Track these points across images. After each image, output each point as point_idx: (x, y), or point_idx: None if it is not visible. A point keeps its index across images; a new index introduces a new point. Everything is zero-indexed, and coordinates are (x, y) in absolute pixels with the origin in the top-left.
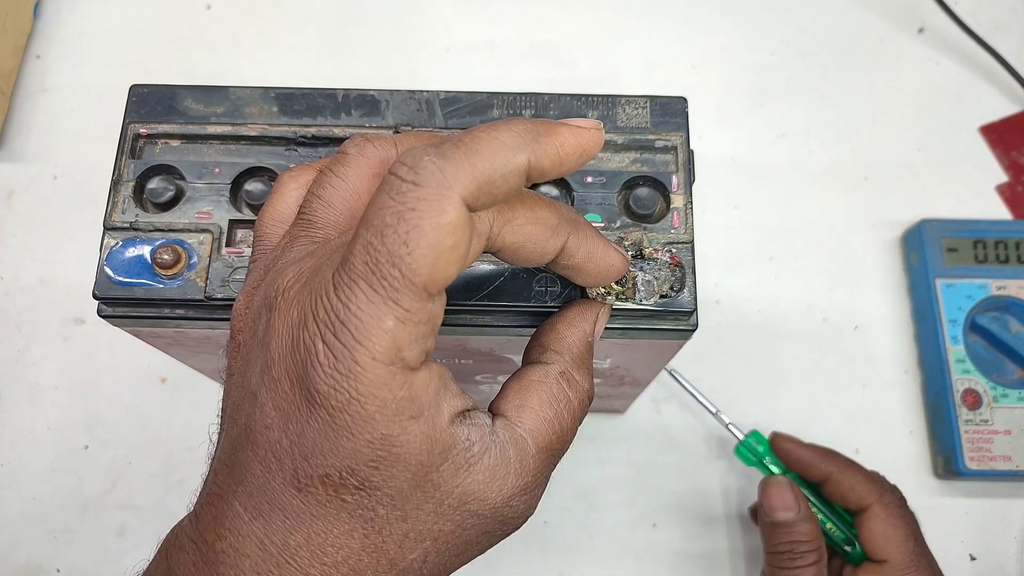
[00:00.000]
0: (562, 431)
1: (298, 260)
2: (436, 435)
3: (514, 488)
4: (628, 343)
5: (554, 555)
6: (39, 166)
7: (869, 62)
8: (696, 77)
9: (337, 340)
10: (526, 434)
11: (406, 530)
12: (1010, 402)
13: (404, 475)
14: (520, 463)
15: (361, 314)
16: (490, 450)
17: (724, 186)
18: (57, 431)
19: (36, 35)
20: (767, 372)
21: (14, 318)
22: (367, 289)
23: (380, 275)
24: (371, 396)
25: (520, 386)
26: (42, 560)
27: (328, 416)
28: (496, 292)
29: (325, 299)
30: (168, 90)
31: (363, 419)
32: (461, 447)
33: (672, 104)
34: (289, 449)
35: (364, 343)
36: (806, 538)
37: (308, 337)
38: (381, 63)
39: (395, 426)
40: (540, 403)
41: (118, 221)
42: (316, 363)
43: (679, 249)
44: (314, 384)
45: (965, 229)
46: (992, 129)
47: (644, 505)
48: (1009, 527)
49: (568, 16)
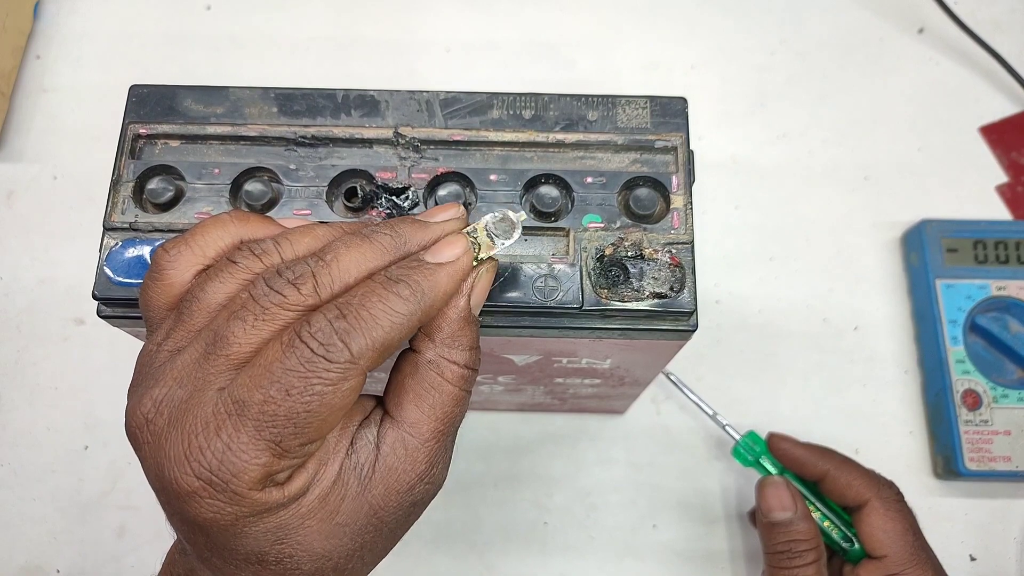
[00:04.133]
0: (444, 415)
1: (159, 378)
2: (326, 494)
3: (411, 481)
4: (628, 344)
5: (554, 555)
6: (39, 166)
7: (869, 62)
8: (696, 77)
9: (215, 478)
10: (408, 430)
11: (337, 558)
12: (1010, 402)
13: (314, 533)
14: (409, 459)
15: (242, 455)
16: (378, 462)
17: (724, 186)
18: (57, 431)
19: (36, 35)
20: (767, 372)
21: (14, 318)
22: (253, 435)
23: (272, 425)
24: (249, 512)
25: (396, 380)
26: (42, 560)
27: (219, 531)
28: (495, 291)
29: (203, 439)
30: (168, 90)
31: (250, 525)
32: (353, 477)
33: (672, 104)
34: (206, 548)
35: (241, 478)
36: (804, 537)
37: (188, 479)
38: (381, 63)
39: (284, 514)
40: (415, 396)
41: (118, 221)
42: (200, 502)
43: (679, 249)
44: (197, 516)
45: (965, 229)
46: (992, 129)
47: (644, 505)
48: (1009, 527)
49: (568, 16)
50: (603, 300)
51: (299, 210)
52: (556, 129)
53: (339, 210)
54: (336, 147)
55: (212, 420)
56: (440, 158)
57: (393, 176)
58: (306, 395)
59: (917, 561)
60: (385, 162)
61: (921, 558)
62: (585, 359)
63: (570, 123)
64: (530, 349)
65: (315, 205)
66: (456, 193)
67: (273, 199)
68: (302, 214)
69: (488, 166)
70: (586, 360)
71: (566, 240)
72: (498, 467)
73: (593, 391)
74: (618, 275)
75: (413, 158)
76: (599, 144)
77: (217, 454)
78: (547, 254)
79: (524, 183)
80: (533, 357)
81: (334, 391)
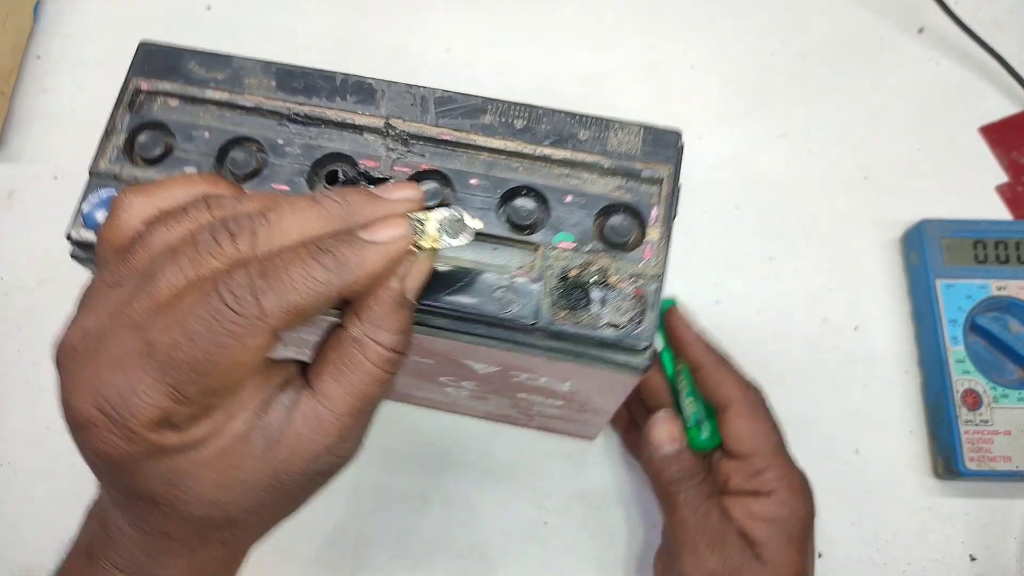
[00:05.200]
0: (361, 394)
1: (93, 307)
2: (228, 447)
3: (317, 451)
4: (581, 369)
5: (554, 555)
6: (39, 166)
7: (869, 62)
8: (696, 77)
9: (114, 412)
10: (323, 402)
11: (230, 509)
12: (1010, 402)
13: (209, 483)
14: (320, 430)
15: (142, 395)
16: (288, 427)
17: (724, 186)
18: (57, 431)
19: (36, 35)
20: (767, 372)
21: (14, 318)
22: (155, 376)
23: (174, 369)
24: (143, 451)
25: (320, 352)
26: (42, 560)
27: (114, 466)
28: (454, 296)
29: (108, 372)
30: (175, 51)
31: (143, 464)
32: (259, 436)
33: (665, 136)
34: (107, 482)
35: (138, 417)
36: (694, 460)
37: (87, 409)
38: (381, 63)
39: (179, 459)
40: (335, 370)
41: (103, 169)
42: (95, 433)
43: (645, 282)
44: (95, 447)
45: (965, 229)
46: (992, 129)
47: (644, 506)
48: (1009, 527)
49: (568, 16)
50: (558, 321)
51: (278, 185)
52: (545, 143)
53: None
54: (327, 129)
55: (121, 356)
56: (426, 155)
57: (376, 166)
58: (210, 344)
59: (780, 455)
60: (372, 151)
61: (783, 454)
62: (544, 378)
63: (560, 139)
64: (489, 359)
65: (295, 183)
66: (434, 191)
67: (256, 170)
68: (280, 189)
69: (472, 170)
70: (544, 379)
71: (534, 255)
72: (498, 467)
73: (557, 412)
74: (580, 298)
75: (400, 151)
76: (585, 164)
77: (118, 389)
78: (512, 266)
79: (503, 192)
80: (493, 367)
81: (237, 345)
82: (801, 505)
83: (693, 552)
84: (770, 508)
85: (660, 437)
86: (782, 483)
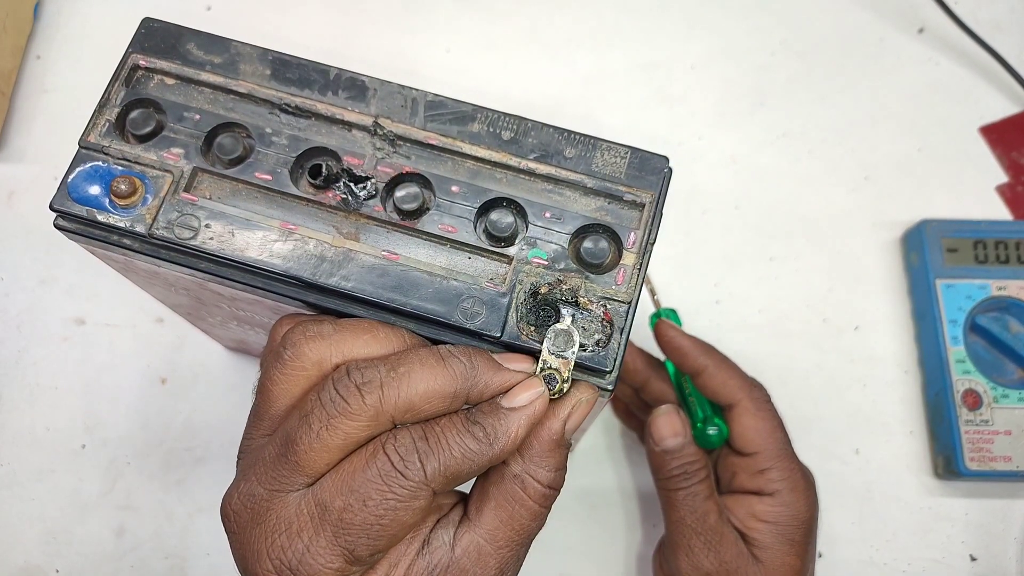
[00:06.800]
0: (520, 527)
1: (248, 470)
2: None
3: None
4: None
5: (554, 555)
6: (39, 166)
7: (869, 62)
8: (696, 77)
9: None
10: (483, 535)
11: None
12: (1010, 402)
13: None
14: (481, 563)
15: (319, 558)
16: (451, 564)
17: (724, 186)
18: (56, 431)
19: (36, 35)
20: (767, 372)
21: (14, 318)
22: (331, 540)
23: (347, 532)
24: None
25: (481, 486)
26: (41, 560)
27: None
28: (422, 299)
29: (285, 539)
30: (176, 30)
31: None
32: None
33: (652, 161)
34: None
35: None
36: (695, 458)
37: (269, 573)
38: (381, 63)
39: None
40: (496, 504)
41: (93, 142)
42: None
43: (615, 306)
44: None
45: (965, 229)
46: (992, 129)
47: (644, 505)
48: (1009, 527)
49: (568, 16)
50: (523, 336)
51: (260, 173)
52: (530, 157)
53: (302, 185)
54: (316, 122)
55: (295, 521)
56: (412, 157)
57: (360, 164)
58: (381, 507)
59: (785, 456)
60: (358, 148)
61: (789, 453)
62: None
63: (545, 154)
64: None
65: (278, 173)
66: (415, 195)
67: (242, 156)
68: (262, 178)
69: (455, 177)
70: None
71: (507, 268)
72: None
73: None
74: (548, 315)
75: (386, 151)
76: (569, 182)
77: (297, 554)
78: (484, 277)
79: (484, 202)
80: None
81: (405, 508)
82: (804, 508)
83: (688, 552)
84: (772, 510)
85: (663, 431)
86: (785, 484)
